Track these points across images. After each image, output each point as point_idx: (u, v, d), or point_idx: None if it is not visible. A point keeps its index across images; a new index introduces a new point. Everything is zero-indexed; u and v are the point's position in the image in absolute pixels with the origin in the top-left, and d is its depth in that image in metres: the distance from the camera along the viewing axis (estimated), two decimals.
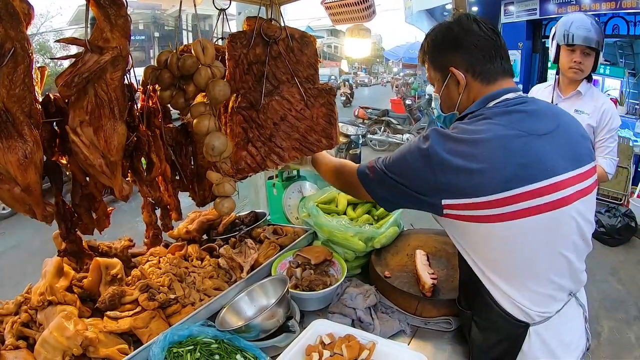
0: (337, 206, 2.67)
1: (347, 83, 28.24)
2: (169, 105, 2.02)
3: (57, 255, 2.04)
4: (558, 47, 3.07)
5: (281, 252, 2.35)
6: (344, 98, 25.92)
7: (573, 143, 1.52)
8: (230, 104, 1.92)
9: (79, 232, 2.00)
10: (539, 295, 1.48)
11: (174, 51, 1.86)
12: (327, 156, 2.18)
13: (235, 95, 1.92)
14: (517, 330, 1.51)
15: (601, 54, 2.99)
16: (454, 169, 1.39)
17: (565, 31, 2.98)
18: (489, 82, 1.59)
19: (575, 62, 3.01)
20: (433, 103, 1.69)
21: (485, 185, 1.37)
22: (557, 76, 3.25)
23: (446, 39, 1.63)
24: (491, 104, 1.55)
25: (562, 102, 3.14)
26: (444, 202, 1.44)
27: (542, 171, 1.40)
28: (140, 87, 2.01)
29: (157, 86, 1.96)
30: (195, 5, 1.88)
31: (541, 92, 3.37)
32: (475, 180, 1.38)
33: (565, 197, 1.43)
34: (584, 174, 1.51)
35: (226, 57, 1.93)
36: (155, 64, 1.90)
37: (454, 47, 1.60)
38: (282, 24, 2.07)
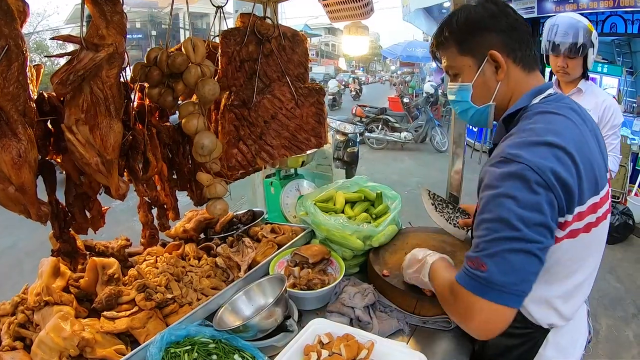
0: (335, 204, 2.66)
1: (356, 80, 31.11)
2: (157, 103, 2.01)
3: (51, 255, 2.03)
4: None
5: (279, 250, 2.34)
6: (354, 93, 28.68)
7: (601, 145, 1.43)
8: (223, 102, 1.92)
9: (72, 232, 1.99)
10: (572, 305, 1.45)
11: (164, 49, 1.85)
12: (442, 267, 1.64)
13: (227, 92, 1.91)
14: (537, 335, 1.48)
15: (591, 52, 3.01)
16: (562, 174, 1.18)
17: (548, 39, 3.03)
18: (530, 71, 1.45)
19: (559, 66, 3.07)
20: (454, 96, 1.57)
21: (584, 191, 1.23)
22: (554, 76, 3.29)
23: (483, 17, 1.43)
24: (537, 99, 1.41)
25: None
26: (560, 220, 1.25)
27: (604, 174, 1.34)
28: (130, 83, 2.00)
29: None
30: (187, 4, 1.87)
31: None
32: (578, 186, 1.21)
33: (609, 205, 1.39)
34: (608, 179, 1.44)
35: (219, 53, 1.92)
36: (145, 61, 1.89)
37: (493, 27, 1.42)
38: (276, 22, 2.07)
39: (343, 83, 31.89)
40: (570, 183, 1.18)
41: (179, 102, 1.93)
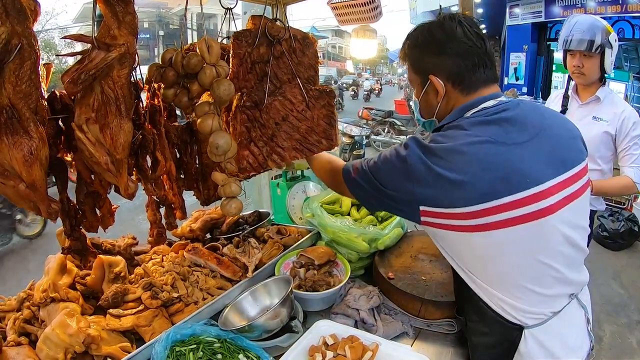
0: (341, 207, 2.66)
1: (378, 81, 39.66)
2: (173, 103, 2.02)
3: (61, 253, 2.04)
4: (564, 51, 3.05)
5: (285, 252, 2.35)
6: (377, 91, 36.03)
7: (559, 146, 1.48)
8: (235, 103, 1.92)
9: (83, 230, 2.00)
10: (525, 302, 1.46)
11: (179, 49, 1.86)
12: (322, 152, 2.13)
13: (239, 94, 1.91)
14: (512, 333, 1.49)
15: (609, 54, 2.89)
16: (431, 180, 1.37)
17: (565, 37, 2.96)
18: (469, 93, 1.54)
19: (574, 66, 2.98)
20: (412, 105, 1.91)
21: (461, 198, 1.35)
22: (573, 81, 3.20)
23: (428, 43, 1.57)
24: (468, 113, 1.51)
25: (579, 108, 3.09)
26: (421, 208, 1.43)
27: (523, 182, 1.36)
28: (146, 84, 2.01)
29: (161, 84, 1.96)
30: (201, 4, 1.88)
31: (554, 101, 3.35)
32: (451, 193, 1.35)
33: (549, 206, 1.39)
34: (571, 178, 1.46)
35: (231, 55, 1.92)
36: (160, 62, 1.90)
37: (436, 53, 1.54)
38: (287, 25, 2.07)
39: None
40: (438, 185, 1.36)
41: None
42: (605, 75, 3.00)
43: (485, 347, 1.61)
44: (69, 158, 1.81)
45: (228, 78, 1.90)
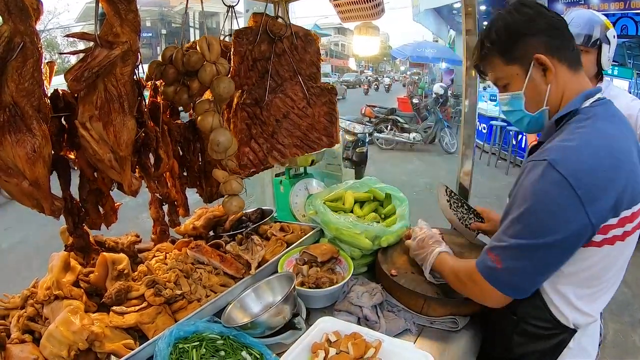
0: (344, 204, 2.66)
1: (390, 78, 41.73)
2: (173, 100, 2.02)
3: (64, 250, 2.05)
4: None
5: (288, 249, 2.35)
6: (387, 86, 40.67)
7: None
8: (235, 100, 1.92)
9: (86, 227, 2.01)
10: (591, 308, 1.46)
11: (180, 47, 1.86)
12: (448, 258, 1.88)
13: (240, 91, 1.91)
14: (564, 336, 1.49)
15: (606, 50, 2.85)
16: (601, 188, 1.23)
17: None
18: (575, 70, 1.43)
19: None
20: (507, 106, 1.54)
21: (624, 201, 1.26)
22: None
23: (521, 22, 1.42)
24: (587, 102, 1.39)
25: None
26: (597, 235, 1.30)
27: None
28: (146, 81, 2.01)
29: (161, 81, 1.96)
30: (202, 2, 1.88)
31: None
32: (615, 199, 1.24)
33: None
34: None
35: (232, 52, 1.92)
36: (161, 60, 1.90)
37: (533, 30, 1.41)
38: (288, 22, 2.07)
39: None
40: (610, 190, 1.23)
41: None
42: (603, 71, 2.98)
43: (530, 349, 1.58)
44: (71, 156, 1.81)
45: (229, 76, 1.91)
